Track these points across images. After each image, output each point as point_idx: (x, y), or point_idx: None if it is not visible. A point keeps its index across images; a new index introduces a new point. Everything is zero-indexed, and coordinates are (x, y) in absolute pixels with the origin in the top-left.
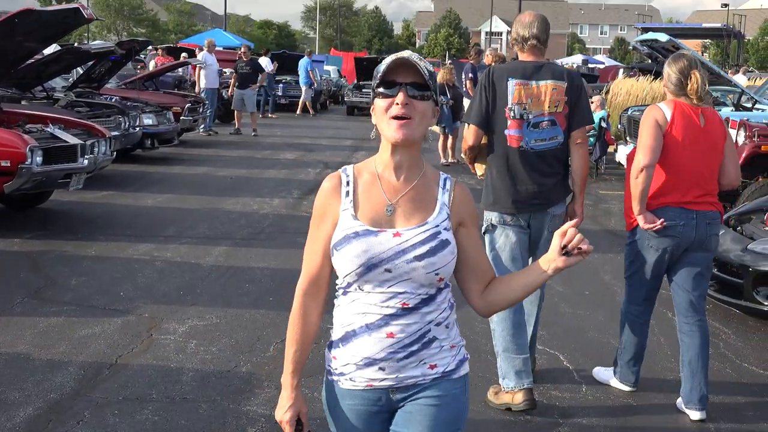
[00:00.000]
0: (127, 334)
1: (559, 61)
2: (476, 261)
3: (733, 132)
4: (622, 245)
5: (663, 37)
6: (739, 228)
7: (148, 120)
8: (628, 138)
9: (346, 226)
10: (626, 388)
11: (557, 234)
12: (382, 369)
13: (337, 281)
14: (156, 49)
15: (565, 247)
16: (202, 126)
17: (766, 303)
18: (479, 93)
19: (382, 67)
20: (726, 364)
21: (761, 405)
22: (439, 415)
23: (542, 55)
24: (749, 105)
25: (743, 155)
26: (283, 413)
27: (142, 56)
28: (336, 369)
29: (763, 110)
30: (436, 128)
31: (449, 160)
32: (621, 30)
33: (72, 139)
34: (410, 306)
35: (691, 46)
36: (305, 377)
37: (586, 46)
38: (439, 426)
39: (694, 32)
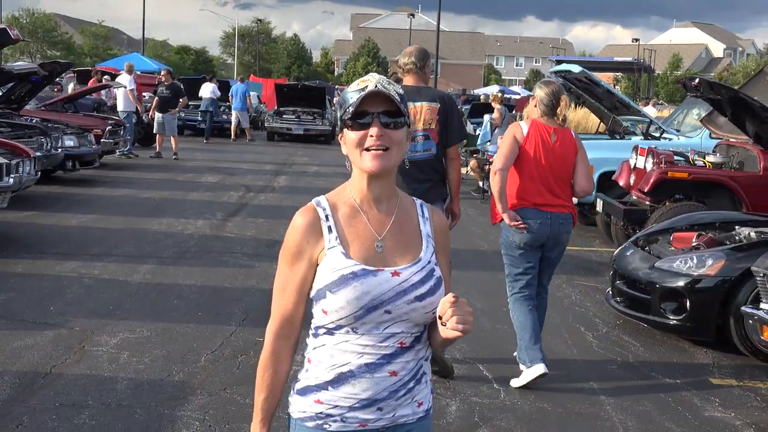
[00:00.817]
0: (59, 346)
1: (476, 91)
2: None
3: (641, 159)
4: None
5: (576, 69)
6: (647, 248)
7: (69, 142)
8: None
9: (339, 265)
10: (541, 370)
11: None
12: (380, 409)
13: (315, 321)
14: (74, 72)
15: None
16: (124, 149)
17: (671, 317)
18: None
19: (353, 98)
20: (635, 373)
21: (667, 409)
22: None
23: (421, 80)
24: (657, 134)
25: (651, 180)
26: None
27: (58, 80)
28: (321, 412)
29: (670, 139)
30: None
31: None
32: (536, 62)
33: None
34: (407, 345)
35: (603, 78)
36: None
37: (502, 77)
38: None
39: (607, 65)
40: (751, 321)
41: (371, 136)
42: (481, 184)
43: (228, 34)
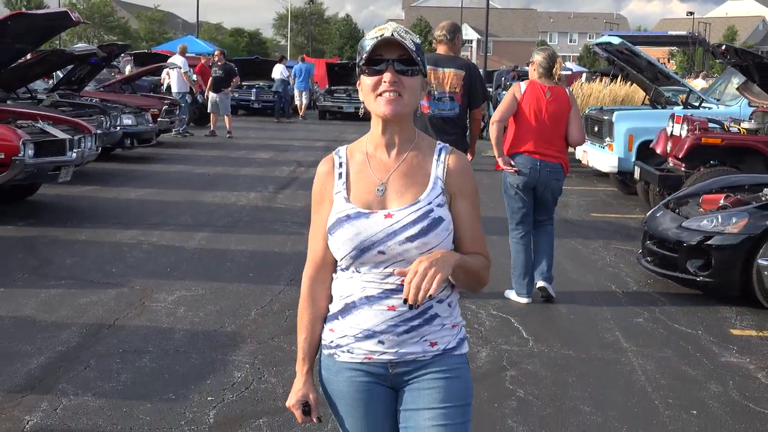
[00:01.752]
0: (121, 302)
1: (527, 68)
2: (461, 234)
3: (677, 126)
4: (577, 233)
5: (616, 40)
6: (677, 210)
7: (127, 120)
8: (586, 136)
9: (339, 209)
10: (523, 300)
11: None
12: (381, 342)
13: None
14: (131, 55)
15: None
16: (180, 128)
17: (697, 274)
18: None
19: (367, 44)
20: (659, 325)
21: (686, 355)
22: (449, 387)
23: (451, 50)
24: (696, 104)
25: (685, 146)
26: (290, 398)
27: (115, 62)
28: (333, 342)
29: (709, 108)
30: None
31: None
32: (590, 38)
33: (61, 134)
34: None
35: (658, 53)
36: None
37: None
38: (450, 397)
39: (661, 40)
40: (766, 272)
41: (385, 81)
42: None
43: (281, 16)
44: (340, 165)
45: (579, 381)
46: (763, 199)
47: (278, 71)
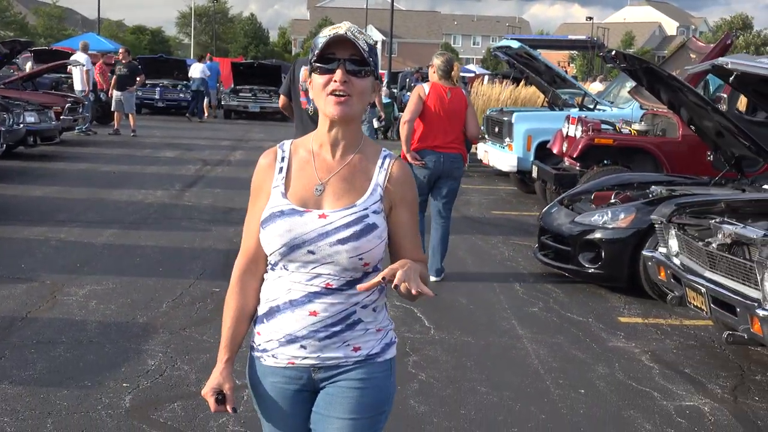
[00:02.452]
0: (32, 296)
1: None
2: (399, 244)
3: (572, 128)
4: (478, 229)
5: (515, 44)
6: (570, 206)
7: (30, 118)
8: (486, 136)
9: (274, 203)
10: (432, 278)
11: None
12: (303, 347)
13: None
14: (30, 52)
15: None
16: (83, 126)
17: (588, 266)
18: (288, 76)
19: (320, 41)
20: (552, 314)
21: (576, 341)
22: (361, 399)
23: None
24: (591, 106)
25: (579, 147)
26: (205, 386)
27: (15, 60)
28: (259, 345)
29: (603, 110)
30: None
31: None
32: (493, 41)
33: None
34: (334, 287)
35: (559, 56)
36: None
37: (460, 55)
38: (361, 409)
39: (561, 43)
40: (650, 263)
41: (335, 80)
42: None
43: (184, 14)
44: (282, 159)
45: (477, 365)
46: (650, 195)
47: (198, 70)
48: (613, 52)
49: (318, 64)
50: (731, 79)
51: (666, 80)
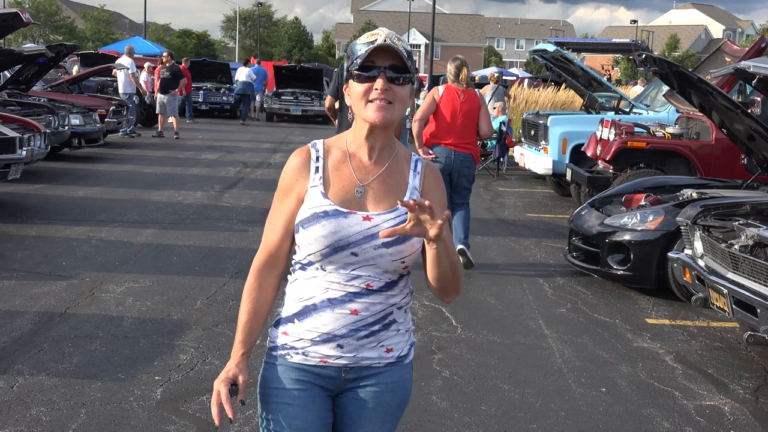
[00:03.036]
0: (72, 292)
1: (474, 73)
2: None
3: (606, 131)
4: (511, 231)
5: (550, 48)
6: (601, 209)
7: (75, 120)
8: (523, 139)
9: (315, 203)
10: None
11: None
12: (340, 346)
13: (294, 256)
14: (77, 56)
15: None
16: (128, 129)
17: (617, 267)
18: (335, 77)
19: (360, 50)
20: (580, 315)
21: (601, 341)
22: (391, 402)
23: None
24: (627, 109)
25: (612, 149)
26: (219, 376)
27: (62, 63)
28: (285, 344)
29: (639, 114)
30: None
31: None
32: (536, 44)
33: (11, 132)
34: (374, 288)
35: (603, 60)
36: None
37: (503, 59)
38: (391, 412)
39: (605, 47)
40: (675, 264)
41: (376, 89)
42: None
43: (229, 18)
44: (317, 159)
45: (500, 363)
46: (680, 198)
47: (243, 74)
48: (644, 56)
49: (358, 72)
50: (754, 81)
51: (696, 84)
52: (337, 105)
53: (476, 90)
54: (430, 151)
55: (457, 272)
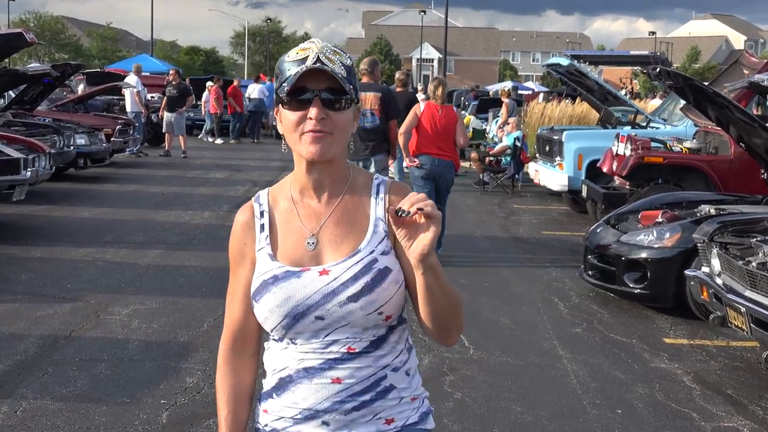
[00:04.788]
0: (77, 315)
1: (489, 87)
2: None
3: (622, 146)
4: (526, 250)
5: (564, 62)
6: (617, 226)
7: (81, 140)
8: (537, 155)
9: (264, 269)
10: None
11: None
12: (326, 423)
13: None
14: (83, 74)
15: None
16: (134, 148)
17: (633, 286)
18: None
19: (288, 71)
20: (596, 335)
21: (618, 361)
22: None
23: (372, 79)
24: (644, 124)
25: (628, 165)
26: None
27: (68, 82)
28: (267, 424)
29: (657, 128)
30: None
31: None
32: (552, 57)
33: (15, 153)
34: (357, 350)
35: (621, 72)
36: None
37: (519, 72)
38: None
39: (622, 59)
40: (692, 283)
41: (310, 118)
42: (481, 176)
43: (238, 34)
44: (262, 214)
45: (513, 384)
46: (698, 215)
47: (256, 90)
48: (658, 69)
49: (288, 98)
50: None
51: (712, 97)
52: None
53: (453, 106)
54: (416, 160)
55: (454, 305)
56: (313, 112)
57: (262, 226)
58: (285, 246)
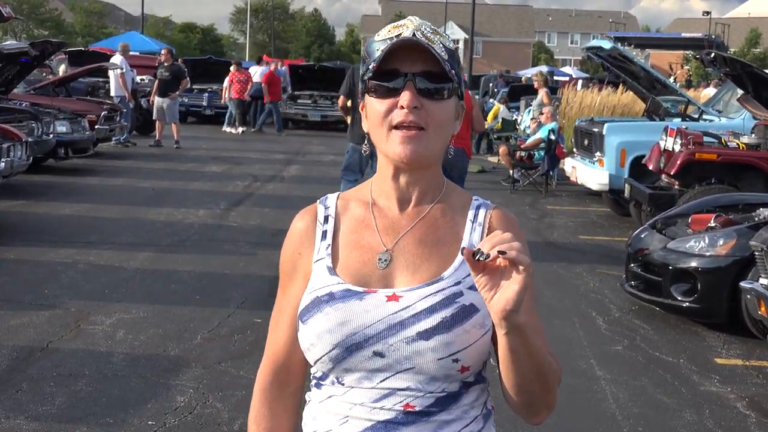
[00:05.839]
0: (55, 324)
1: (521, 72)
2: None
3: (670, 140)
4: (560, 256)
5: (607, 45)
6: (664, 231)
7: (61, 127)
8: (575, 150)
9: (319, 284)
10: None
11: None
12: None
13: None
14: (65, 53)
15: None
16: (121, 137)
17: (682, 299)
18: (348, 77)
19: (376, 48)
20: (638, 353)
21: (663, 383)
22: None
23: None
24: (696, 116)
25: (678, 162)
26: None
27: (48, 62)
28: None
29: (710, 121)
30: None
31: None
32: (593, 39)
33: None
34: (418, 409)
35: (671, 57)
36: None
37: (555, 56)
38: None
39: (674, 42)
40: (749, 296)
41: (401, 106)
42: (511, 172)
43: (239, 10)
44: (326, 220)
45: None
46: (756, 219)
47: (259, 74)
48: (712, 55)
49: (375, 83)
50: None
51: None
52: (349, 103)
53: (467, 90)
54: None
55: (546, 377)
56: (405, 97)
57: (324, 233)
58: (350, 260)
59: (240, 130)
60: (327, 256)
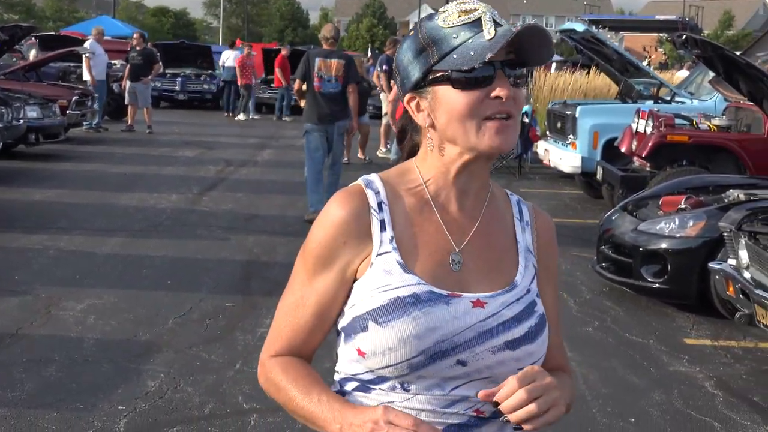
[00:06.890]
0: (25, 311)
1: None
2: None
3: (642, 123)
4: None
5: (580, 27)
6: (635, 213)
7: (32, 113)
8: (548, 133)
9: (394, 282)
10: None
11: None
12: None
13: (340, 367)
14: (35, 38)
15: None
16: (93, 122)
17: (652, 280)
18: (303, 63)
19: (452, 33)
20: (608, 334)
21: (633, 364)
22: None
23: (333, 46)
24: (668, 98)
25: (649, 144)
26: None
27: (18, 47)
28: None
29: (682, 103)
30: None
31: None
32: (568, 21)
33: None
34: (486, 416)
35: (645, 40)
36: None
37: None
38: None
39: (648, 25)
40: (717, 276)
41: (497, 96)
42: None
43: None
44: (380, 207)
45: None
46: (725, 200)
47: (231, 58)
48: (684, 37)
49: (465, 75)
50: None
51: (744, 69)
52: (304, 87)
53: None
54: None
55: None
56: (503, 88)
57: (382, 223)
58: (421, 257)
59: (254, 116)
60: (393, 250)
